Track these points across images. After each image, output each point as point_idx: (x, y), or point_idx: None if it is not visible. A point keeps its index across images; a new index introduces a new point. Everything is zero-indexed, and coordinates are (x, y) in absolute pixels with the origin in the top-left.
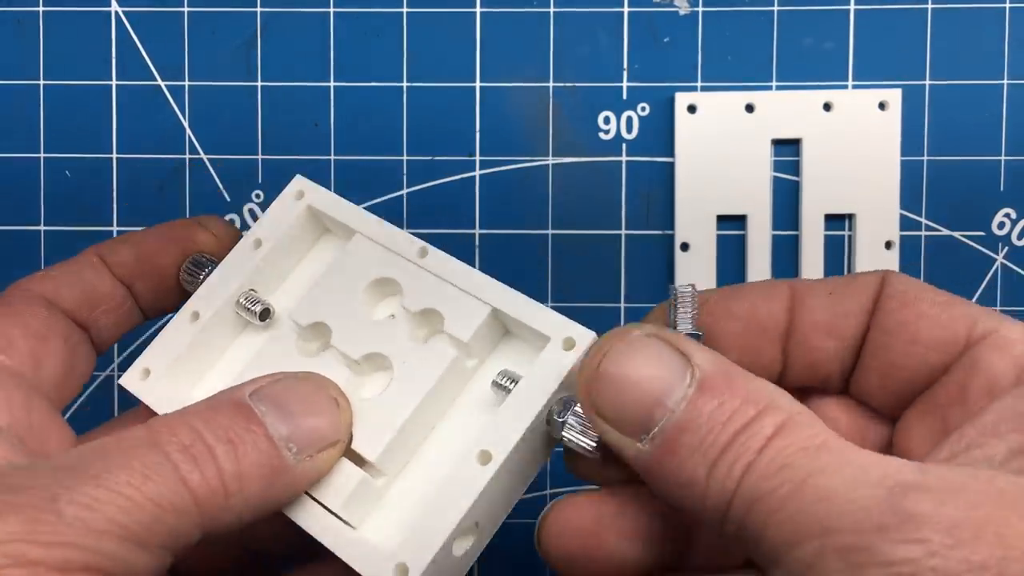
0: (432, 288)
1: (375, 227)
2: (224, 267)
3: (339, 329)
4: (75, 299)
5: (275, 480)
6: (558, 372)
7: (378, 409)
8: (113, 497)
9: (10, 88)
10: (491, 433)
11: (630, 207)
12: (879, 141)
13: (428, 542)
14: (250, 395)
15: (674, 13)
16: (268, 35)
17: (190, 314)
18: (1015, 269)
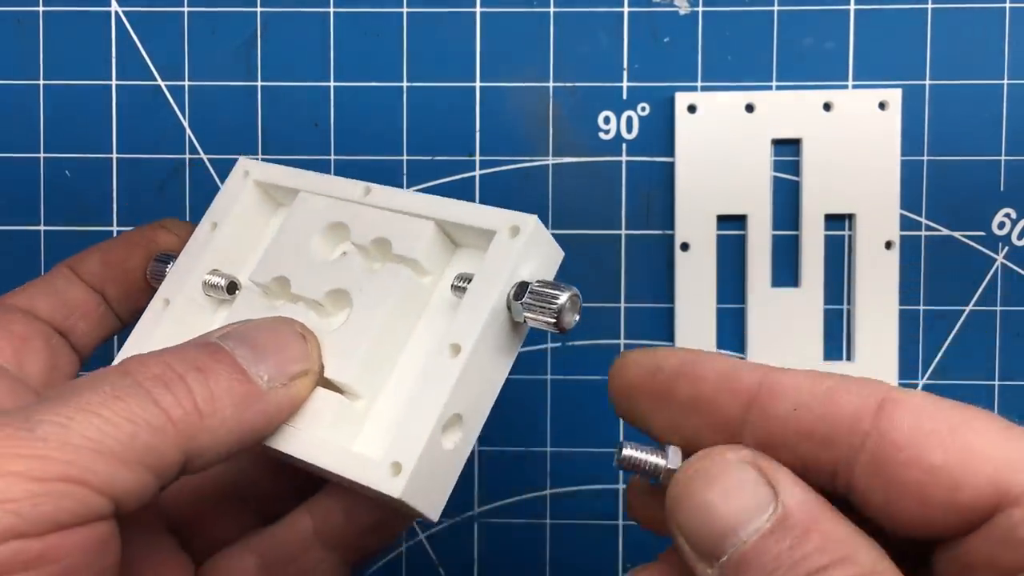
0: (378, 219)
1: (317, 180)
2: (186, 254)
3: (296, 277)
4: (50, 308)
5: (249, 404)
6: (509, 258)
7: (344, 337)
8: (86, 416)
9: (10, 88)
10: (455, 326)
11: (630, 207)
12: (879, 141)
13: (416, 437)
14: (218, 336)
15: (674, 13)
16: (268, 35)
17: (161, 302)
18: (1015, 269)
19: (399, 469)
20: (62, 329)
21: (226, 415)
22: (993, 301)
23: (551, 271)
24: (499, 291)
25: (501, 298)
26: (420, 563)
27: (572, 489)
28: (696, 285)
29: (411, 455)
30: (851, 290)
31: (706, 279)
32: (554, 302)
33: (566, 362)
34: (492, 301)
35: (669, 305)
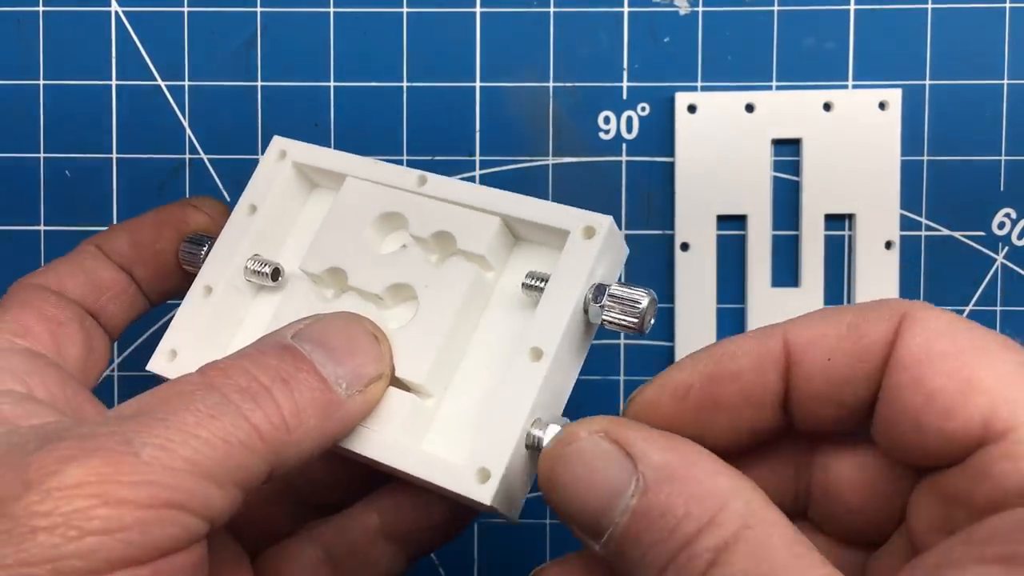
0: (437, 211)
1: (367, 166)
2: (224, 238)
3: (354, 269)
4: (80, 288)
5: (330, 414)
6: (586, 260)
7: (413, 335)
8: (185, 437)
9: (10, 88)
10: (535, 330)
11: (630, 207)
12: (879, 141)
13: (502, 443)
14: (292, 337)
15: (674, 13)
16: (268, 35)
17: (202, 289)
18: (1015, 269)
19: (487, 476)
20: (93, 311)
21: (310, 426)
22: (993, 301)
23: (619, 269)
24: (578, 294)
25: (580, 301)
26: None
27: None
28: (696, 285)
29: (499, 462)
30: (851, 290)
31: (706, 279)
32: (637, 306)
33: None
34: (572, 305)
35: (669, 305)
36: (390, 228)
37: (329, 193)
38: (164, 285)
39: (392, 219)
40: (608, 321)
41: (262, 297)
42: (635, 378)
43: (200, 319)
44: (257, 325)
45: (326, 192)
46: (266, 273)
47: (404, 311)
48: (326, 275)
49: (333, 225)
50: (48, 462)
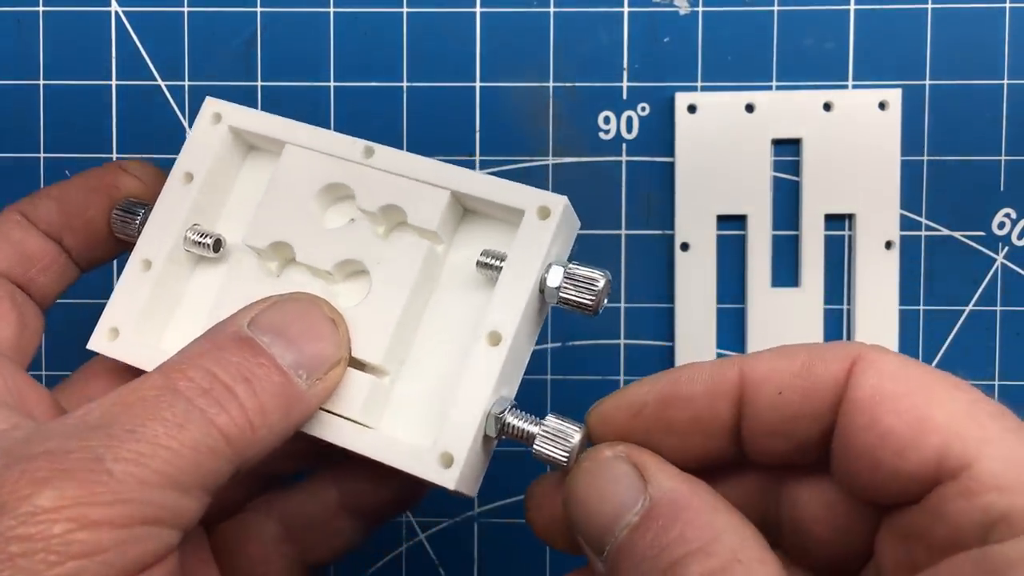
0: (385, 184)
1: (310, 135)
2: (160, 208)
3: (300, 244)
4: (7, 261)
5: (292, 407)
6: (542, 241)
7: (367, 313)
8: (155, 450)
9: (10, 88)
10: (493, 314)
11: (630, 207)
12: (879, 141)
13: (465, 428)
14: (249, 325)
15: (674, 13)
16: (268, 35)
17: (140, 263)
18: (1015, 269)
19: (450, 461)
20: (22, 284)
21: (273, 422)
22: (993, 301)
23: (571, 244)
24: (535, 276)
25: (536, 283)
26: (420, 563)
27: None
28: (696, 285)
29: (462, 447)
30: (851, 290)
31: (706, 279)
32: (594, 285)
33: (566, 362)
34: (529, 287)
35: (669, 305)
36: (334, 199)
37: (267, 157)
38: (95, 253)
39: (336, 190)
40: (564, 299)
41: (203, 269)
42: (635, 378)
43: (140, 295)
44: (200, 299)
45: (264, 156)
46: (207, 244)
47: (354, 287)
48: (270, 249)
49: (275, 196)
50: (21, 485)
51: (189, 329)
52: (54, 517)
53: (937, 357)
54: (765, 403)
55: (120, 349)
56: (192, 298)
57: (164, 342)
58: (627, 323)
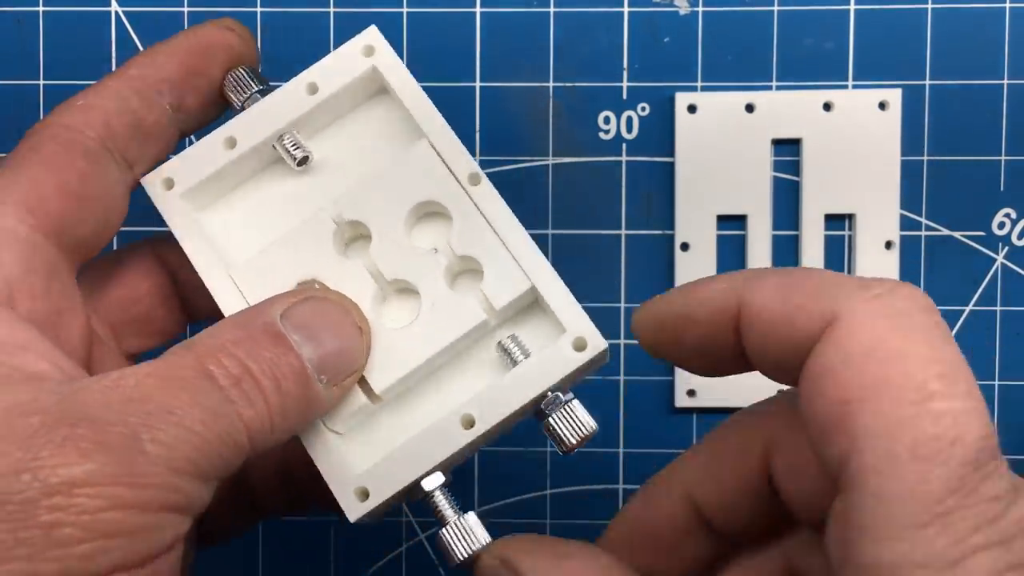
0: (480, 235)
1: (440, 135)
2: (271, 101)
3: (380, 239)
4: (122, 134)
5: (309, 411)
6: (561, 368)
7: (396, 343)
8: (189, 436)
9: (10, 88)
10: (481, 402)
11: (630, 207)
12: (879, 141)
13: (393, 480)
14: (281, 318)
15: (674, 13)
16: (268, 35)
17: (226, 139)
18: (1015, 269)
19: (365, 497)
20: (131, 161)
21: (289, 422)
22: (993, 301)
23: (583, 377)
24: (534, 396)
25: (536, 398)
26: (420, 563)
27: (572, 489)
28: None
29: (379, 495)
30: None
31: None
32: (582, 431)
33: None
34: (522, 402)
35: None
36: (432, 213)
37: (392, 107)
38: (205, 118)
39: (436, 208)
40: (549, 428)
41: (277, 170)
42: (635, 378)
43: (210, 166)
44: (258, 198)
45: (389, 103)
46: (295, 156)
47: (403, 309)
48: (350, 227)
49: (387, 182)
50: (64, 451)
51: (233, 222)
52: (90, 493)
53: None
54: (757, 340)
55: (166, 202)
56: (257, 195)
57: (205, 217)
58: (627, 323)
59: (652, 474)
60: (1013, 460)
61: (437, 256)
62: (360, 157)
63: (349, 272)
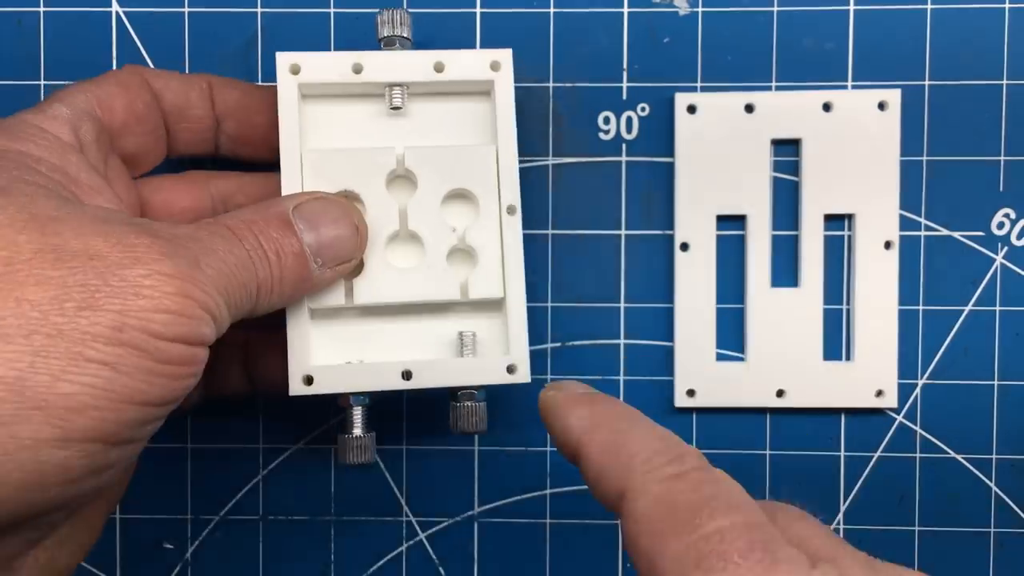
0: (491, 241)
1: (507, 153)
2: (403, 57)
3: (421, 196)
4: (172, 104)
5: (302, 284)
6: (490, 378)
7: (388, 277)
8: (228, 271)
9: (11, 88)
10: (423, 366)
11: (630, 207)
12: (879, 141)
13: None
14: (293, 210)
15: (674, 13)
16: (268, 35)
17: (354, 63)
18: (1014, 269)
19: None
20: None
21: (287, 292)
22: (992, 301)
23: None
24: (466, 384)
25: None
26: (420, 563)
27: (572, 489)
28: (696, 285)
29: (319, 387)
30: (850, 290)
31: (706, 279)
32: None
33: (566, 362)
34: (455, 384)
35: (669, 305)
36: (461, 196)
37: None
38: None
39: (470, 196)
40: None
41: (371, 103)
42: (634, 378)
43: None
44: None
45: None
46: (395, 104)
47: (403, 254)
48: (405, 170)
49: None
50: (152, 249)
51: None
52: (169, 281)
53: (936, 357)
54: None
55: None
56: (346, 109)
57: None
58: (627, 323)
59: None
60: (1014, 460)
61: (452, 233)
62: (439, 130)
63: (385, 203)
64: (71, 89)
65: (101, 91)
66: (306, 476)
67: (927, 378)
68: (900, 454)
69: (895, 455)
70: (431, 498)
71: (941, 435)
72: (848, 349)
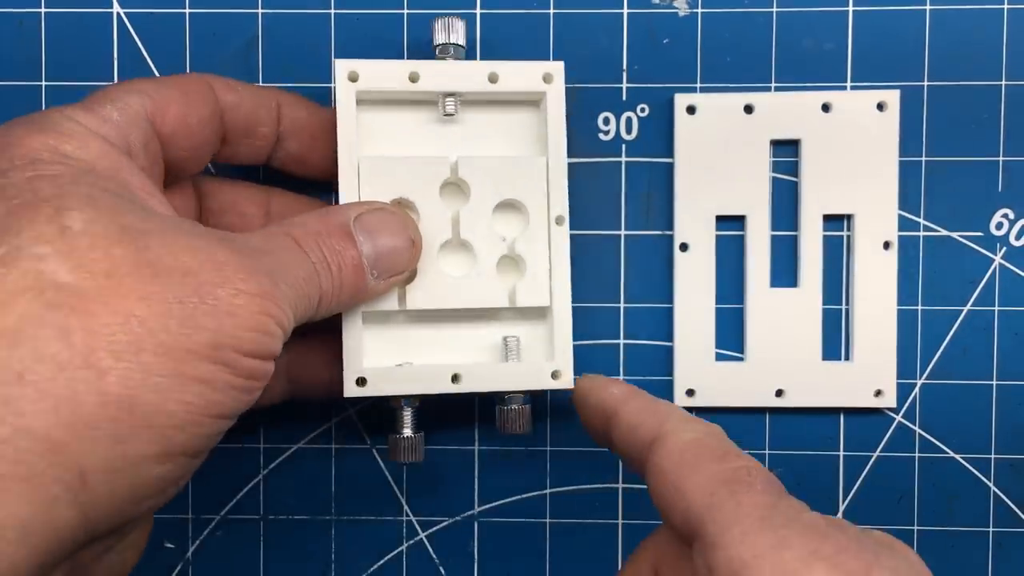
0: (539, 250)
1: (558, 166)
2: (458, 67)
3: (473, 205)
4: (241, 120)
5: (359, 294)
6: (535, 383)
7: (439, 283)
8: (298, 284)
9: (12, 89)
10: (472, 370)
11: (630, 207)
12: (877, 142)
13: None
14: (354, 220)
15: (673, 14)
16: (269, 36)
17: (411, 72)
18: (1013, 269)
19: (363, 385)
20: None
21: (344, 301)
22: (991, 301)
23: None
24: (511, 389)
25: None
26: (420, 563)
27: (572, 489)
28: (695, 285)
29: (372, 390)
30: (849, 290)
31: (705, 279)
32: (522, 428)
33: None
34: (501, 388)
35: (668, 305)
36: (512, 207)
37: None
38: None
39: (521, 208)
40: (502, 410)
41: (425, 110)
42: (634, 378)
43: (390, 83)
44: (404, 124)
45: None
46: (448, 112)
47: (454, 262)
48: (458, 179)
49: (501, 167)
50: (240, 268)
51: (377, 129)
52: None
53: (935, 357)
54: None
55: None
56: (401, 116)
57: (361, 114)
58: (626, 323)
59: None
60: (1013, 460)
61: (502, 243)
62: (490, 138)
63: (438, 211)
64: (126, 88)
65: (159, 95)
66: (306, 476)
67: (926, 378)
68: (899, 454)
69: (894, 455)
70: (431, 498)
71: (940, 435)
72: (847, 349)
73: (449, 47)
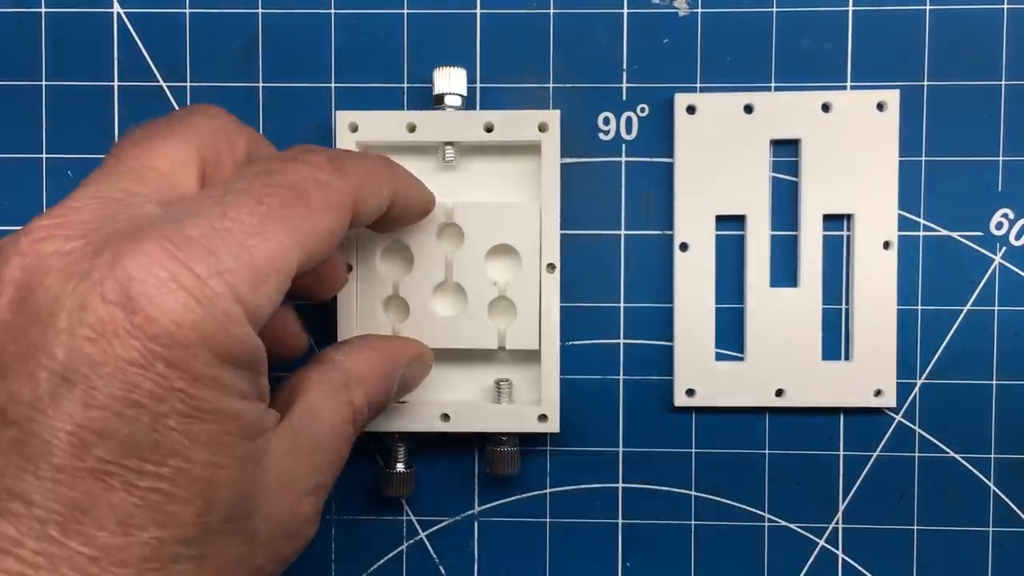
0: (530, 295)
1: (551, 213)
2: (454, 117)
3: (467, 248)
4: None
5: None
6: (522, 426)
7: (432, 324)
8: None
9: (12, 89)
10: (462, 409)
11: (629, 207)
12: (877, 141)
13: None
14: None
15: (673, 14)
16: (269, 36)
17: (409, 123)
18: (1013, 269)
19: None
20: None
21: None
22: (991, 301)
23: None
24: (500, 431)
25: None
26: (420, 563)
27: (572, 489)
28: (695, 285)
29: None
30: (849, 290)
31: (705, 279)
32: (508, 470)
33: (566, 361)
34: (489, 429)
35: (668, 305)
36: (504, 251)
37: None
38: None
39: (513, 253)
40: (490, 451)
41: (422, 157)
42: (635, 378)
43: (389, 133)
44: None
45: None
46: (447, 160)
47: (444, 302)
48: (452, 223)
49: (494, 213)
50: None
51: None
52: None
53: (935, 357)
54: None
55: (343, 137)
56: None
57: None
58: (626, 323)
59: (651, 473)
60: (1011, 459)
61: (494, 287)
62: (487, 184)
63: (434, 254)
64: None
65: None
66: None
67: (926, 378)
68: (899, 453)
69: (894, 454)
70: (431, 498)
71: (940, 434)
72: (847, 349)
73: (449, 97)
